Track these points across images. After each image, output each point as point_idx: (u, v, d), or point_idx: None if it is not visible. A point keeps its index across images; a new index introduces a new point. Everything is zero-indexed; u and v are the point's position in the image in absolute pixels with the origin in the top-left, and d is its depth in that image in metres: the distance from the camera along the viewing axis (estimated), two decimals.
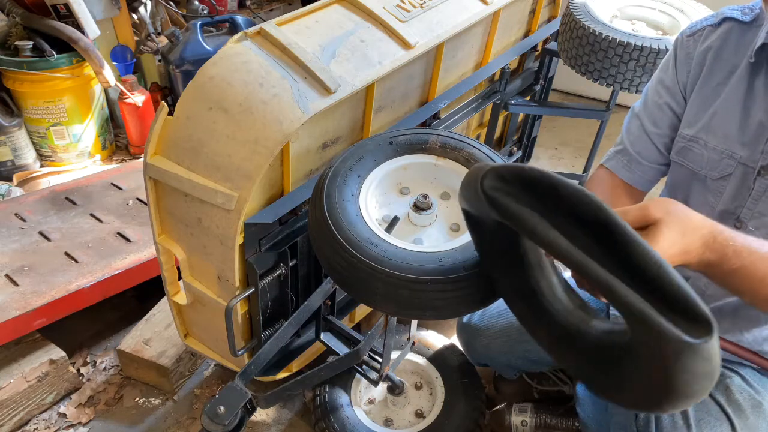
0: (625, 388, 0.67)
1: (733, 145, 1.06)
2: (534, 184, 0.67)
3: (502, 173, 0.69)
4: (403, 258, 0.94)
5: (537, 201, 0.66)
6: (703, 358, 0.56)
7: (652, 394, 0.62)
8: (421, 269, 0.92)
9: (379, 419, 1.59)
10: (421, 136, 1.14)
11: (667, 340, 0.55)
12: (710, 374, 0.58)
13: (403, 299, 0.94)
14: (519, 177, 0.68)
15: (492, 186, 0.69)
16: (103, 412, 1.70)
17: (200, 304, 1.43)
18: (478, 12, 1.57)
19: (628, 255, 0.60)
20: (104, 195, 2.10)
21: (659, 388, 0.61)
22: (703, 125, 1.10)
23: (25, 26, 2.40)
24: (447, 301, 0.94)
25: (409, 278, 0.92)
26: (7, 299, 1.61)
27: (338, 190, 1.03)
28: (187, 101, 1.15)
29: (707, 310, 0.56)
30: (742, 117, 1.05)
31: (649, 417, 1.14)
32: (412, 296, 0.93)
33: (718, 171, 1.09)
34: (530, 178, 0.67)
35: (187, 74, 2.74)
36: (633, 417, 1.16)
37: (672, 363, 0.57)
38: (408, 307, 0.95)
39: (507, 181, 0.69)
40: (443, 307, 0.94)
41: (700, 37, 1.12)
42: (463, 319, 1.56)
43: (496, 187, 0.69)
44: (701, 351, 0.55)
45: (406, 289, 0.92)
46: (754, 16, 1.07)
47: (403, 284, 0.92)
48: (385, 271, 0.92)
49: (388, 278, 0.92)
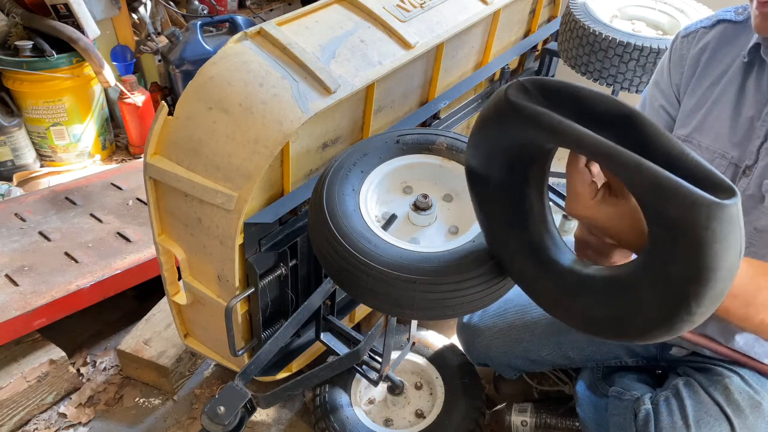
0: (644, 307, 0.69)
1: (724, 144, 1.06)
2: (555, 90, 0.70)
3: (524, 84, 0.72)
4: (393, 255, 0.94)
5: (559, 106, 0.69)
6: (732, 220, 0.59)
7: (678, 291, 0.64)
8: (409, 268, 0.93)
9: (379, 419, 1.59)
10: (429, 136, 1.14)
11: (699, 206, 0.58)
12: (738, 243, 0.61)
13: (389, 296, 0.94)
14: (540, 86, 0.71)
15: (516, 95, 0.72)
16: (103, 412, 1.70)
17: (200, 304, 1.43)
18: (478, 12, 1.57)
19: (652, 140, 0.64)
20: (104, 195, 2.10)
21: (685, 279, 0.63)
22: (696, 125, 1.10)
23: (25, 26, 2.40)
24: (433, 302, 0.94)
25: (397, 276, 0.92)
26: (7, 299, 1.61)
27: (339, 183, 1.03)
28: (187, 101, 1.15)
29: (728, 180, 0.60)
30: (734, 116, 1.05)
31: (649, 417, 1.14)
32: (398, 294, 0.93)
33: None
34: (551, 85, 0.71)
35: (187, 74, 2.73)
36: (632, 417, 1.16)
37: (703, 232, 0.59)
38: (393, 305, 0.96)
39: (529, 90, 0.72)
40: (429, 308, 0.95)
41: (694, 39, 1.12)
42: (463, 319, 1.56)
43: (520, 96, 0.72)
44: (730, 212, 0.58)
45: (393, 287, 0.93)
46: (747, 15, 1.07)
47: (391, 281, 0.92)
48: (374, 266, 0.93)
49: (376, 274, 0.93)
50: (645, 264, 0.70)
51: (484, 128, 0.79)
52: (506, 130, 0.75)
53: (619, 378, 1.30)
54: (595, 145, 0.64)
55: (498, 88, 0.79)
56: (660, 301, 0.67)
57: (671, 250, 0.64)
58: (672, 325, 0.67)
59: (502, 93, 0.73)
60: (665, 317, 0.67)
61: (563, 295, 0.81)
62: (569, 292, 0.80)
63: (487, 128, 0.79)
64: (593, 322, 0.78)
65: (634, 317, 0.72)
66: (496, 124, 0.76)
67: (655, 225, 0.66)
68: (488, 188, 0.85)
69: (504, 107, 0.73)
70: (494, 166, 0.82)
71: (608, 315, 0.75)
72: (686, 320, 0.66)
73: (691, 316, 0.65)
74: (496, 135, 0.78)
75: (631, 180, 0.63)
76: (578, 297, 0.79)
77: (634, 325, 0.72)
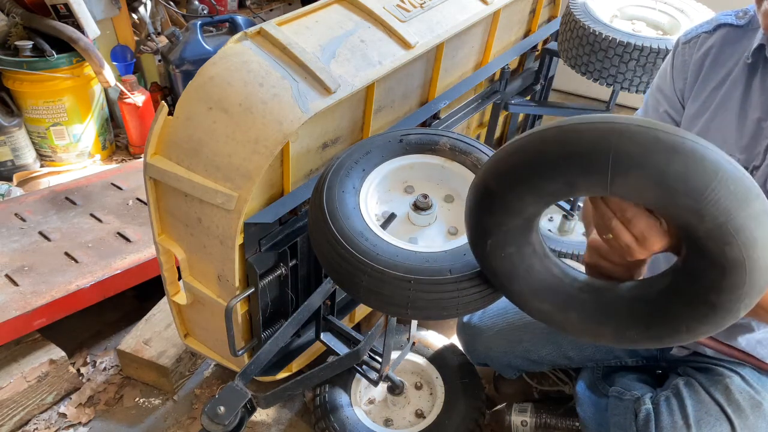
0: (678, 316, 0.74)
1: (731, 147, 1.06)
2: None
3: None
4: (391, 254, 0.94)
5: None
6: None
7: (717, 273, 0.68)
8: (406, 267, 0.93)
9: (379, 419, 1.59)
10: (432, 136, 1.14)
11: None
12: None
13: (385, 295, 0.94)
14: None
15: None
16: (103, 412, 1.70)
17: (200, 304, 1.43)
18: (478, 12, 1.57)
19: None
20: (104, 195, 2.10)
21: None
22: (701, 129, 1.10)
23: (25, 26, 2.40)
24: (430, 302, 0.94)
25: (394, 275, 0.92)
26: (7, 299, 1.61)
27: (340, 181, 1.03)
28: (187, 101, 1.15)
29: None
30: (740, 118, 1.05)
31: (649, 417, 1.14)
32: (394, 293, 0.93)
33: None
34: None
35: (187, 74, 2.73)
36: (632, 417, 1.16)
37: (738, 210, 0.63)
38: (390, 304, 0.96)
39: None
40: (425, 307, 0.95)
41: (696, 44, 1.12)
42: (463, 319, 1.56)
43: None
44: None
45: (390, 286, 0.93)
46: (748, 19, 1.07)
47: (388, 280, 0.92)
48: (371, 265, 0.93)
49: (373, 272, 0.93)
50: (675, 280, 0.74)
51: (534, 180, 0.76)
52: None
53: (619, 378, 1.30)
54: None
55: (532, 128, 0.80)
56: (701, 287, 0.71)
57: (712, 273, 0.68)
58: (727, 297, 0.70)
59: None
60: (716, 292, 0.70)
61: (589, 323, 0.83)
62: (595, 319, 0.82)
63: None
64: (626, 339, 0.81)
65: (669, 327, 0.75)
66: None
67: (702, 258, 0.69)
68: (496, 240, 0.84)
69: None
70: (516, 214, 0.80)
71: (641, 331, 0.78)
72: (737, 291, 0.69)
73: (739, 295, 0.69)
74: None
75: (694, 228, 0.66)
76: (604, 322, 0.81)
77: (669, 334, 0.76)
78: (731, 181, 0.63)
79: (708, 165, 0.62)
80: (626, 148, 0.64)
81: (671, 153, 0.63)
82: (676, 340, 0.77)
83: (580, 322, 0.84)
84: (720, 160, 0.63)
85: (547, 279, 0.85)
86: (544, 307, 0.86)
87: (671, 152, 0.63)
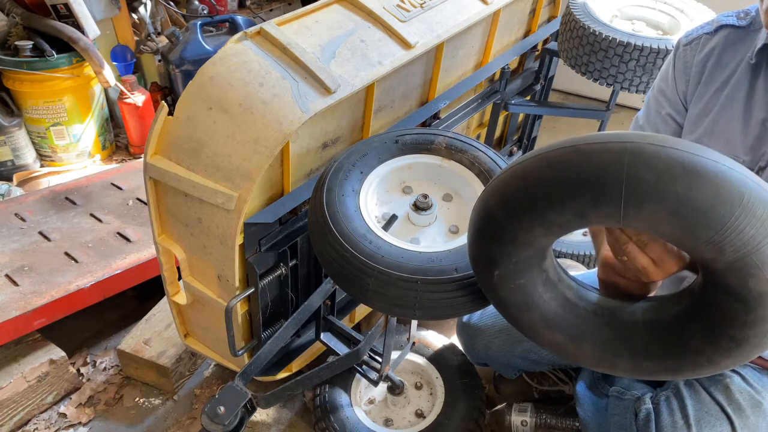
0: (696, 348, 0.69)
1: (736, 149, 1.06)
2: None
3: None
4: (395, 256, 0.94)
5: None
6: None
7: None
8: (412, 268, 0.93)
9: (379, 419, 1.59)
10: (428, 136, 1.14)
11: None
12: None
13: (392, 297, 0.94)
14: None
15: None
16: (103, 412, 1.70)
17: (200, 304, 1.43)
18: (478, 12, 1.57)
19: None
20: (104, 195, 2.10)
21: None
22: (705, 131, 1.10)
23: (25, 26, 2.40)
24: (437, 301, 0.94)
25: (400, 276, 0.92)
26: (7, 299, 1.61)
27: (339, 184, 1.03)
28: (187, 101, 1.15)
29: None
30: (744, 119, 1.05)
31: (649, 417, 1.14)
32: (401, 294, 0.93)
33: None
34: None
35: (187, 74, 2.73)
36: (633, 417, 1.16)
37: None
38: (397, 306, 0.96)
39: None
40: (433, 307, 0.95)
41: (697, 46, 1.12)
42: (463, 319, 1.56)
43: None
44: None
45: (396, 287, 0.93)
46: (750, 20, 1.07)
47: (393, 282, 0.92)
48: (377, 267, 0.93)
49: (379, 275, 0.93)
50: (693, 308, 0.68)
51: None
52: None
53: (619, 377, 1.30)
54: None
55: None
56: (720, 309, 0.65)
57: (733, 308, 0.63)
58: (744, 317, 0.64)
59: None
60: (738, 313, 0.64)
61: (603, 353, 0.78)
62: (609, 349, 0.77)
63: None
64: (643, 371, 0.76)
65: (688, 361, 0.70)
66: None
67: (722, 291, 0.63)
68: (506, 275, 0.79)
69: None
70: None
71: (657, 363, 0.73)
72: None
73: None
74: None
75: (713, 261, 0.60)
76: (619, 353, 0.76)
77: (689, 368, 0.71)
78: (758, 206, 0.55)
79: (733, 190, 0.54)
80: (640, 173, 0.56)
81: (691, 178, 0.55)
82: (696, 373, 0.71)
83: (594, 352, 0.78)
84: (746, 181, 0.55)
85: (561, 307, 0.79)
86: (556, 339, 0.81)
87: (691, 177, 0.55)
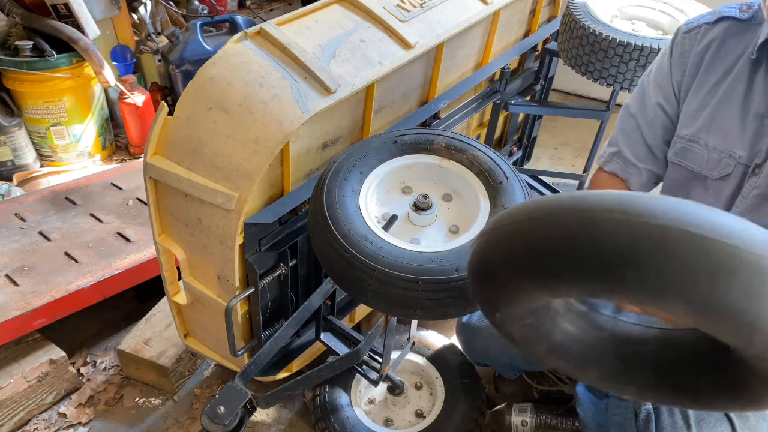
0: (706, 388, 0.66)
1: (733, 144, 1.06)
2: None
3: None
4: (396, 256, 0.94)
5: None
6: None
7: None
8: (413, 268, 0.93)
9: (379, 419, 1.59)
10: (427, 136, 1.14)
11: None
12: None
13: (394, 297, 0.94)
14: None
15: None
16: (103, 412, 1.70)
17: (200, 304, 1.43)
18: (478, 12, 1.57)
19: None
20: (104, 195, 2.10)
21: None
22: (703, 125, 1.09)
23: (25, 26, 2.40)
24: (438, 301, 0.94)
25: (401, 276, 0.92)
26: (7, 299, 1.61)
27: (339, 185, 1.03)
28: (187, 101, 1.15)
29: None
30: (742, 114, 1.04)
31: (649, 417, 1.14)
32: (403, 295, 0.93)
33: (718, 170, 1.09)
34: None
35: (187, 74, 2.73)
36: (633, 417, 1.16)
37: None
38: (399, 306, 0.96)
39: None
40: (434, 307, 0.95)
41: (697, 36, 1.11)
42: (463, 319, 1.56)
43: None
44: None
45: (398, 288, 0.93)
46: (752, 13, 1.06)
47: (395, 282, 0.92)
48: (378, 268, 0.93)
49: (380, 275, 0.93)
50: (709, 360, 0.65)
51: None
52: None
53: None
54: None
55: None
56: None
57: (756, 385, 0.60)
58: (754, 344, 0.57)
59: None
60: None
61: (611, 381, 0.77)
62: (617, 378, 0.75)
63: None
64: (649, 398, 0.75)
65: (700, 404, 0.69)
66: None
67: (747, 372, 0.59)
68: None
69: None
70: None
71: (666, 396, 0.72)
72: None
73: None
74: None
75: (739, 351, 0.57)
76: (628, 382, 0.75)
77: (699, 407, 0.70)
78: None
79: (765, 284, 0.46)
80: (654, 264, 0.47)
81: (720, 276, 0.45)
82: (705, 410, 0.71)
83: (601, 379, 0.76)
84: None
85: (569, 338, 0.75)
86: (562, 365, 0.79)
87: (719, 274, 0.45)
